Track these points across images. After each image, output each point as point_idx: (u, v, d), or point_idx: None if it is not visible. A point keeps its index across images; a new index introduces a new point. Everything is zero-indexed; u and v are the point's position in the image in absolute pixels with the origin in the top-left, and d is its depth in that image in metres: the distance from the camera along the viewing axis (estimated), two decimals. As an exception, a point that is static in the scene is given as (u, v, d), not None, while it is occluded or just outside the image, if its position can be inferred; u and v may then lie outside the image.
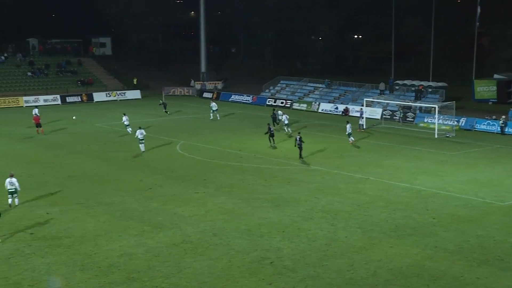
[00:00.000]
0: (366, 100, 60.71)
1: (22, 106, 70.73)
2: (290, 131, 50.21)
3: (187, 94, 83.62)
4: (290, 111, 67.82)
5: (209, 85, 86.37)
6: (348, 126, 45.53)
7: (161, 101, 64.72)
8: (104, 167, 38.60)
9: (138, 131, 42.75)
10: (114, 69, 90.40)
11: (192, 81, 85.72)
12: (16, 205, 29.63)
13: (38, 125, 49.88)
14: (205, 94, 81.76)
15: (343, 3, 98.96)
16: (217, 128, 54.93)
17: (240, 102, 75.81)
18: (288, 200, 30.69)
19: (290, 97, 74.59)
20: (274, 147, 44.45)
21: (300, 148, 40.36)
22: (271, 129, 45.35)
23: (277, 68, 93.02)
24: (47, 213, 28.28)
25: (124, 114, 51.11)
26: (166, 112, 62.05)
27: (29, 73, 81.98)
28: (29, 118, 53.26)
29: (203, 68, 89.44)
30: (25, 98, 72.68)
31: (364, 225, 26.75)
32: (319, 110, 67.30)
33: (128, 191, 32.32)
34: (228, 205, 29.92)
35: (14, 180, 29.51)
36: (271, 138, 45.04)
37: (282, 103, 72.14)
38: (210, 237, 25.16)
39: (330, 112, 65.68)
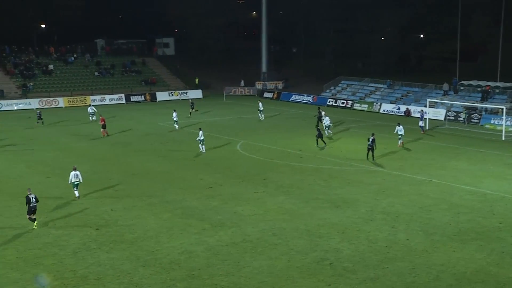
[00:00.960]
0: (429, 101, 59.44)
1: (90, 105, 72.82)
2: (331, 133, 49.54)
3: (248, 94, 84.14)
4: (351, 112, 67.43)
5: (270, 85, 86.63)
6: (398, 128, 44.42)
7: (190, 100, 65.69)
8: (166, 165, 39.32)
9: (200, 132, 43.19)
10: (176, 69, 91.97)
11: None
12: (77, 198, 30.84)
13: (104, 126, 50.25)
14: (266, 94, 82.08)
15: (409, 1, 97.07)
16: (278, 128, 55.02)
17: (300, 102, 75.69)
18: (347, 201, 30.43)
19: (351, 98, 73.88)
20: (323, 148, 44.10)
21: (371, 149, 39.79)
22: (319, 130, 45.20)
23: (338, 68, 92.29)
24: (112, 210, 29.05)
25: (174, 111, 53.25)
26: (193, 111, 61.88)
27: (96, 73, 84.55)
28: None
29: (264, 68, 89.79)
30: (92, 97, 75.01)
31: (426, 228, 26.20)
32: (381, 111, 66.38)
33: (189, 190, 32.82)
34: (288, 205, 29.93)
35: (78, 173, 30.87)
36: (319, 139, 44.67)
37: (343, 103, 71.61)
38: (270, 236, 25.24)
39: (391, 113, 64.66)
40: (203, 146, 42.92)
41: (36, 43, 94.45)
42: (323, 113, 53.41)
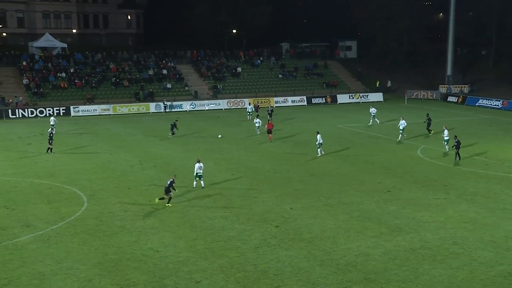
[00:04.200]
0: None
1: (273, 106, 75.59)
2: (448, 149, 43.67)
3: (431, 97, 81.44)
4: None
5: (455, 88, 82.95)
6: None
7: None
8: (344, 167, 39.57)
9: (318, 135, 43.16)
10: (358, 71, 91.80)
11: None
12: (203, 187, 33.70)
13: (269, 131, 50.90)
14: (450, 98, 78.75)
15: None
16: (462, 133, 52.41)
17: (487, 107, 71.47)
18: (540, 214, 28.26)
19: (548, 102, 68.08)
20: (457, 163, 40.10)
21: None
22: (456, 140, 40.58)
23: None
24: (291, 208, 30.00)
25: (371, 107, 55.82)
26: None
27: (280, 75, 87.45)
28: (278, 117, 56.60)
29: (449, 71, 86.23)
30: (275, 98, 77.78)
31: None
32: None
33: (367, 192, 32.75)
34: (471, 213, 28.59)
35: (201, 164, 33.71)
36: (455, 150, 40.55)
37: (537, 108, 66.34)
38: (450, 245, 24.34)
39: None
40: (321, 149, 42.87)
41: (227, 47, 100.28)
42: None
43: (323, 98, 79.43)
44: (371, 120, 57.93)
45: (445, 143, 43.66)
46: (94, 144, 49.23)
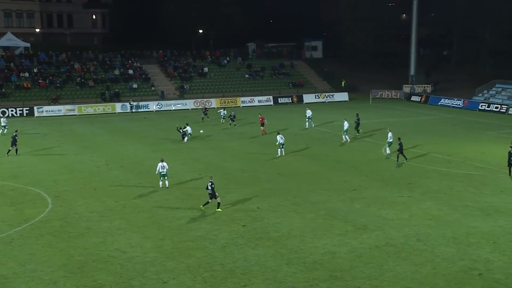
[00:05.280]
0: None
1: (239, 106, 75.86)
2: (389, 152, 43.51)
3: (395, 97, 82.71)
4: (505, 117, 63.83)
5: (418, 88, 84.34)
6: None
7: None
8: (312, 166, 39.88)
9: (278, 136, 43.24)
10: (324, 71, 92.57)
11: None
12: (167, 187, 33.57)
13: (262, 125, 52.45)
14: (413, 98, 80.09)
15: None
16: (425, 132, 53.53)
17: (449, 106, 72.94)
18: (500, 210, 28.95)
19: (506, 102, 69.75)
20: (399, 164, 39.72)
21: None
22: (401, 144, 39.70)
23: (494, 71, 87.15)
24: (258, 208, 30.12)
25: (307, 108, 54.21)
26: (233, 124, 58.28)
27: (247, 75, 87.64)
28: (242, 117, 56.80)
29: (412, 71, 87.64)
30: (242, 98, 77.96)
31: None
32: (541, 116, 62.12)
33: (334, 191, 33.09)
34: (434, 211, 29.14)
35: (165, 164, 33.59)
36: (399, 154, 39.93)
37: (496, 108, 68.02)
38: (414, 242, 24.79)
39: (554, 118, 60.22)
40: (282, 150, 42.75)
41: (194, 47, 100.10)
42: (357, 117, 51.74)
43: (290, 98, 79.90)
44: (306, 123, 55.98)
45: (388, 146, 42.58)
46: (60, 145, 48.62)
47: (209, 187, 29.53)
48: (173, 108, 73.85)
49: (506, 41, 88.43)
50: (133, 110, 72.23)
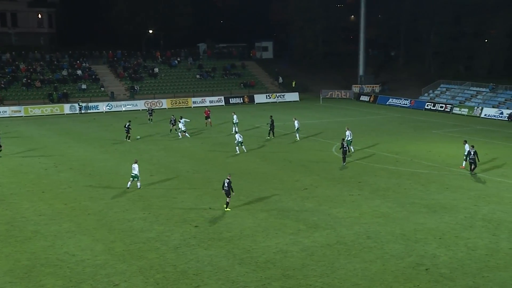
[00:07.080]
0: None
1: (191, 107, 75.57)
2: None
3: (344, 97, 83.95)
4: (449, 116, 65.65)
5: (367, 88, 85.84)
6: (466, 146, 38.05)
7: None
8: (263, 166, 40.08)
9: (237, 135, 44.43)
10: (274, 72, 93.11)
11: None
12: (139, 188, 33.48)
13: (207, 117, 54.64)
14: (362, 97, 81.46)
15: None
16: (374, 131, 54.55)
17: (397, 106, 74.54)
18: (446, 207, 29.80)
19: (450, 102, 71.89)
20: (344, 167, 39.63)
21: (473, 163, 36.36)
22: (344, 146, 39.84)
23: (438, 72, 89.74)
24: (210, 208, 30.09)
25: (233, 113, 53.78)
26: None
27: (198, 76, 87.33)
28: (196, 117, 56.63)
29: (361, 71, 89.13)
30: (193, 99, 77.64)
31: (530, 237, 25.20)
32: (482, 115, 64.09)
33: (285, 190, 33.35)
34: (383, 208, 29.75)
35: (136, 165, 33.34)
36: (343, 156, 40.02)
37: (441, 107, 69.96)
38: (364, 239, 25.25)
39: (494, 118, 62.29)
40: (244, 147, 44.20)
41: (144, 47, 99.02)
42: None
43: (241, 98, 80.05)
44: (233, 128, 53.09)
45: (348, 144, 42.16)
46: (5, 147, 47.29)
47: (226, 184, 29.41)
48: (123, 109, 72.92)
49: (449, 42, 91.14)
50: (82, 111, 70.97)
